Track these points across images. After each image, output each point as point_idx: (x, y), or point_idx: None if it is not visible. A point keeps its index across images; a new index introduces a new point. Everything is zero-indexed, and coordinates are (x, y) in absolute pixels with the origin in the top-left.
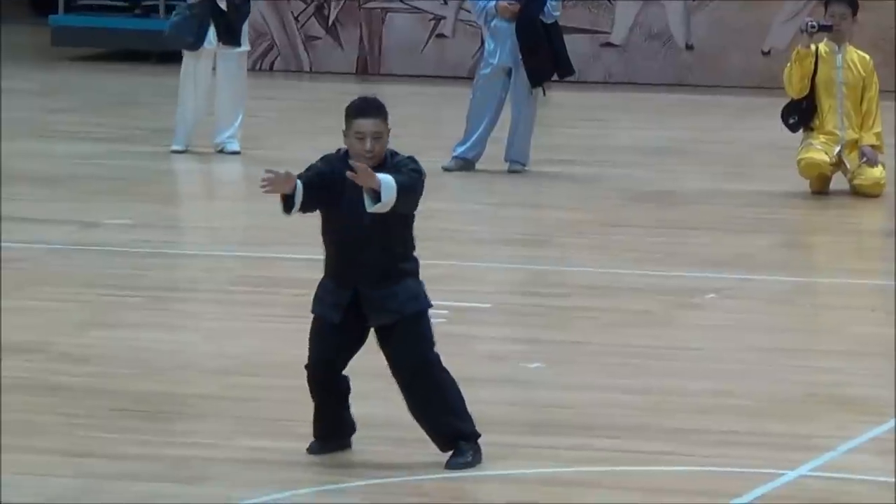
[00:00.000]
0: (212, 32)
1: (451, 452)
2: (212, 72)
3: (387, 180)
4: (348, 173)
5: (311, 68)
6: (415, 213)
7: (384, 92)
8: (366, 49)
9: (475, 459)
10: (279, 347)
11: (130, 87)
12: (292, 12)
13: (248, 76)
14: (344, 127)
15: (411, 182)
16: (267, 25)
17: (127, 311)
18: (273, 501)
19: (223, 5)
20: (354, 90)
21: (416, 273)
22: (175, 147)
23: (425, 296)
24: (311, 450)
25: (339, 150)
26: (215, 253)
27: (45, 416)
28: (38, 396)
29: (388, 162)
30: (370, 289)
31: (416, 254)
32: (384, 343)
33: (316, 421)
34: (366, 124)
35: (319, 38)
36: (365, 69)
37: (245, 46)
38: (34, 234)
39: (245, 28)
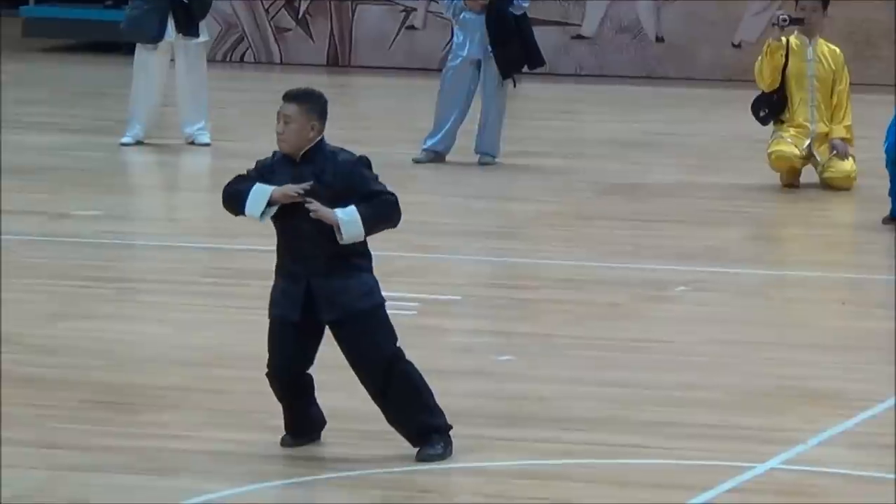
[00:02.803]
0: (170, 24)
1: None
2: (169, 64)
3: (350, 217)
4: (311, 212)
5: (281, 60)
6: None
7: (355, 84)
8: (336, 41)
9: (446, 452)
10: (249, 339)
11: (101, 78)
12: (263, 4)
13: (219, 68)
14: None
15: (382, 213)
16: (237, 17)
17: (96, 303)
18: (243, 493)
19: None
20: (325, 82)
21: (369, 269)
22: (124, 140)
23: (379, 291)
24: (284, 443)
25: (274, 153)
26: (185, 245)
27: (15, 407)
28: (8, 388)
29: (318, 154)
30: (322, 280)
31: (372, 251)
32: (345, 342)
33: (286, 419)
34: (282, 107)
35: (290, 30)
36: (335, 61)
37: (204, 36)
38: (4, 226)
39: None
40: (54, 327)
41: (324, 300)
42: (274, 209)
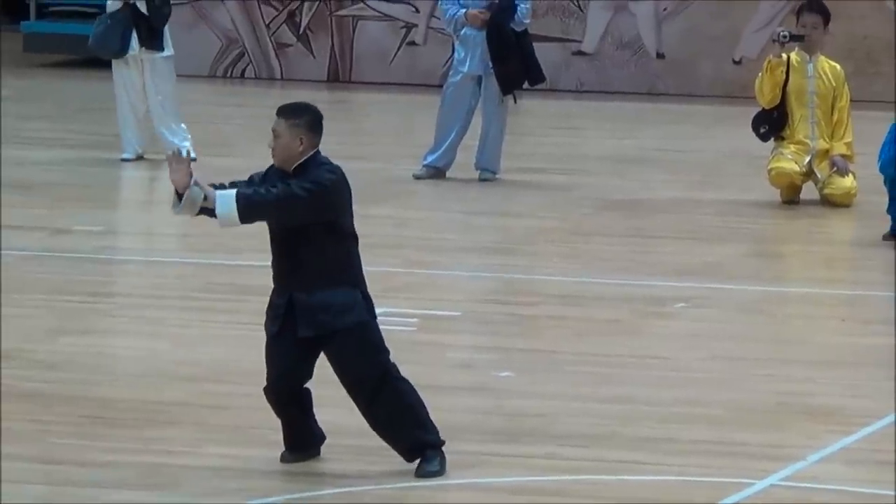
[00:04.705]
0: (135, 39)
1: (417, 461)
2: (142, 77)
3: (225, 195)
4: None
5: (282, 76)
6: (340, 222)
7: (355, 99)
8: (337, 57)
9: (442, 468)
10: (249, 355)
11: (101, 93)
12: (264, 19)
13: (219, 83)
14: None
15: (264, 194)
16: (238, 32)
17: (97, 318)
18: None
19: (144, 9)
20: (326, 98)
21: (356, 285)
22: (124, 156)
23: (366, 308)
24: (284, 459)
25: None
26: (185, 260)
27: (15, 422)
28: (9, 403)
29: (309, 169)
30: (304, 294)
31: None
32: (331, 358)
33: (284, 434)
34: (274, 123)
35: (291, 46)
36: (336, 77)
37: (169, 51)
38: (5, 241)
39: (167, 32)
40: (55, 342)
41: (304, 315)
42: (184, 202)
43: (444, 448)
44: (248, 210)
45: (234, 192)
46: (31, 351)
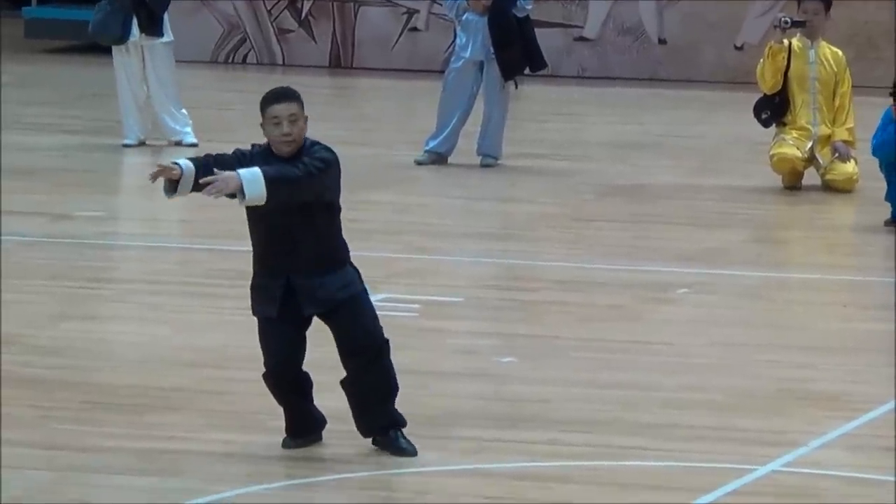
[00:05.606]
0: (135, 25)
1: (376, 438)
2: (142, 63)
3: (250, 174)
4: (206, 190)
5: (284, 61)
6: (336, 200)
7: (357, 85)
8: (339, 42)
9: (414, 448)
10: (252, 340)
11: (103, 79)
12: (265, 5)
13: (221, 69)
14: (261, 120)
15: (286, 172)
16: (240, 18)
17: (99, 304)
18: (245, 495)
19: None
20: (327, 84)
21: (347, 260)
22: (126, 141)
23: (358, 281)
24: (286, 445)
25: (253, 145)
26: (187, 246)
27: (16, 408)
28: (10, 389)
29: (305, 149)
30: (303, 277)
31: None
32: (333, 329)
33: (286, 420)
34: (280, 109)
35: (293, 31)
36: (338, 62)
37: (168, 37)
38: (6, 227)
39: (166, 18)
40: (56, 328)
41: (304, 295)
42: (180, 188)
43: (406, 431)
44: (276, 188)
45: (258, 170)
46: (32, 336)
